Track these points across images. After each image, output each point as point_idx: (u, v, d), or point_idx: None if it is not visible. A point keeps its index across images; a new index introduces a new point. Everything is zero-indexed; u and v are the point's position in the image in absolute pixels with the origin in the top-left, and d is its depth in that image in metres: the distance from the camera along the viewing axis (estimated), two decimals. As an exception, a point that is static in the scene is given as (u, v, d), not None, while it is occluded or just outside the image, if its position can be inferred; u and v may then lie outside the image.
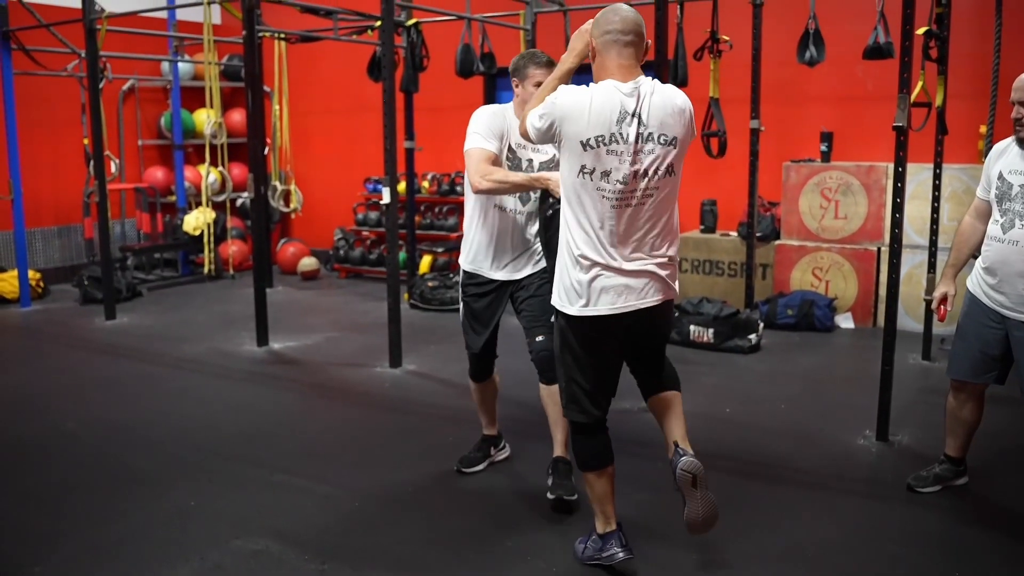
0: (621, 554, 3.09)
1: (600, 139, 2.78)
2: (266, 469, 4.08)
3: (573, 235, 2.91)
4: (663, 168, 2.84)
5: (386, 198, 5.60)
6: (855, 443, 4.41)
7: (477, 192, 3.57)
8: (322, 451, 4.35)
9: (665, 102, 2.84)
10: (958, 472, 3.86)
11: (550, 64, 3.61)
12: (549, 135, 2.91)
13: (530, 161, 3.72)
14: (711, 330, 6.17)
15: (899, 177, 4.27)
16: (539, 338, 3.68)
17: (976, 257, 3.65)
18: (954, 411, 3.78)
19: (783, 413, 4.90)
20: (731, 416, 4.85)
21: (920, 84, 4.90)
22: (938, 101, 5.04)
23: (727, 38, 5.81)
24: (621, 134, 2.78)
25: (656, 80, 2.90)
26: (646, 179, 2.82)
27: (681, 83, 6.18)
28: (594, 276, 2.89)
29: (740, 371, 5.74)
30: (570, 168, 2.86)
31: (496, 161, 3.60)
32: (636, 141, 2.79)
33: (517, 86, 3.69)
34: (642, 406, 3.42)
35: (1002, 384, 3.65)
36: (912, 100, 4.99)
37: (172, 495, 3.80)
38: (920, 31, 4.93)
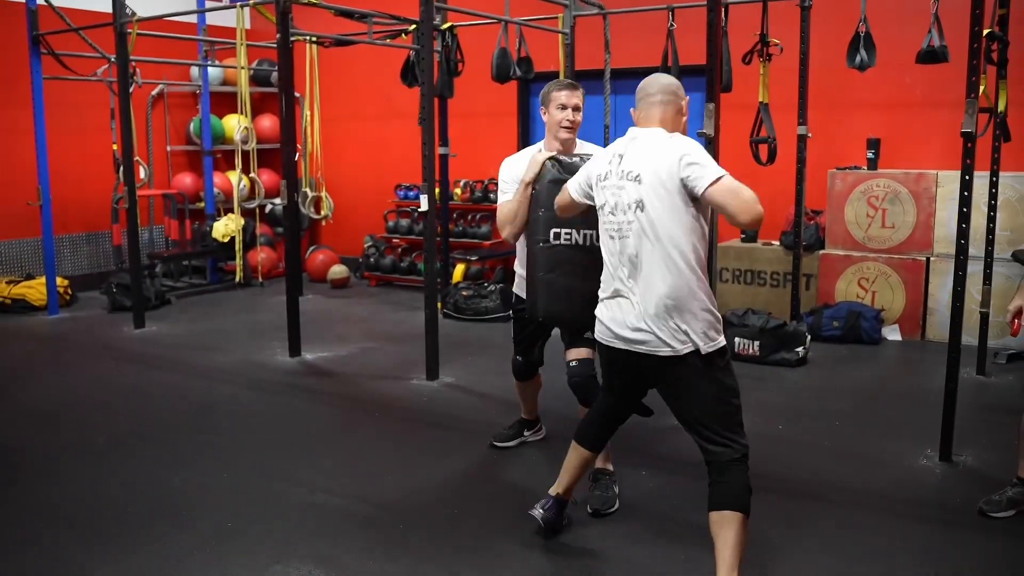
0: (534, 510, 3.36)
1: (598, 176, 3.05)
2: (305, 488, 3.93)
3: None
4: (632, 204, 2.88)
5: (424, 206, 5.44)
6: (917, 463, 4.21)
7: (510, 243, 3.84)
8: (363, 469, 4.19)
9: (650, 145, 2.92)
10: None
11: (572, 86, 3.83)
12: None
13: None
14: (757, 343, 5.97)
15: (966, 186, 4.08)
16: (572, 363, 3.74)
17: None
18: None
19: (838, 431, 4.70)
20: (784, 434, 4.65)
21: (981, 89, 4.69)
22: (1000, 106, 4.83)
23: (777, 41, 5.62)
24: (611, 171, 2.99)
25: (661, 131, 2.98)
26: (622, 214, 2.91)
27: (725, 88, 5.99)
28: (602, 301, 3.08)
29: (788, 386, 5.55)
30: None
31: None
32: (618, 177, 2.95)
33: (545, 114, 3.86)
34: (675, 424, 3.29)
35: None
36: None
37: (208, 516, 3.65)
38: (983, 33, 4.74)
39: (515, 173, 3.78)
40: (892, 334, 6.66)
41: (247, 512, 3.69)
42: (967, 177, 4.08)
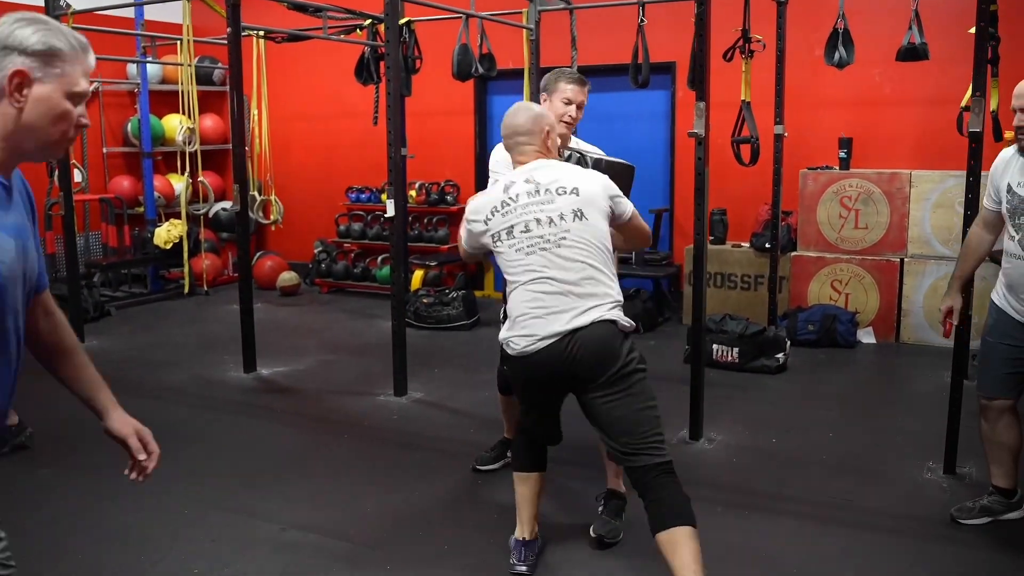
0: (519, 567, 3.14)
1: (500, 204, 3.00)
2: (276, 523, 3.58)
3: None
4: (569, 213, 2.91)
5: (390, 211, 5.11)
6: (921, 477, 4.03)
7: None
8: (336, 498, 3.85)
9: (566, 168, 3.06)
10: (1010, 504, 3.54)
11: (582, 81, 3.59)
12: None
13: None
14: (736, 349, 5.76)
15: (971, 188, 3.91)
16: None
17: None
18: (988, 434, 3.51)
19: (833, 443, 4.50)
20: (779, 448, 4.44)
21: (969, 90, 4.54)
22: (992, 105, 4.67)
23: (760, 37, 5.40)
24: (518, 194, 2.98)
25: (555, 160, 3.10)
26: (547, 226, 2.89)
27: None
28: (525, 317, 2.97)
29: (772, 394, 5.35)
30: None
31: None
32: (541, 194, 2.94)
33: (545, 101, 3.60)
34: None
35: None
36: (963, 104, 4.65)
37: (171, 560, 3.29)
38: (972, 30, 4.58)
39: (506, 156, 3.49)
40: (866, 337, 6.52)
41: (213, 552, 3.34)
42: (971, 179, 3.91)
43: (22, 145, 1.69)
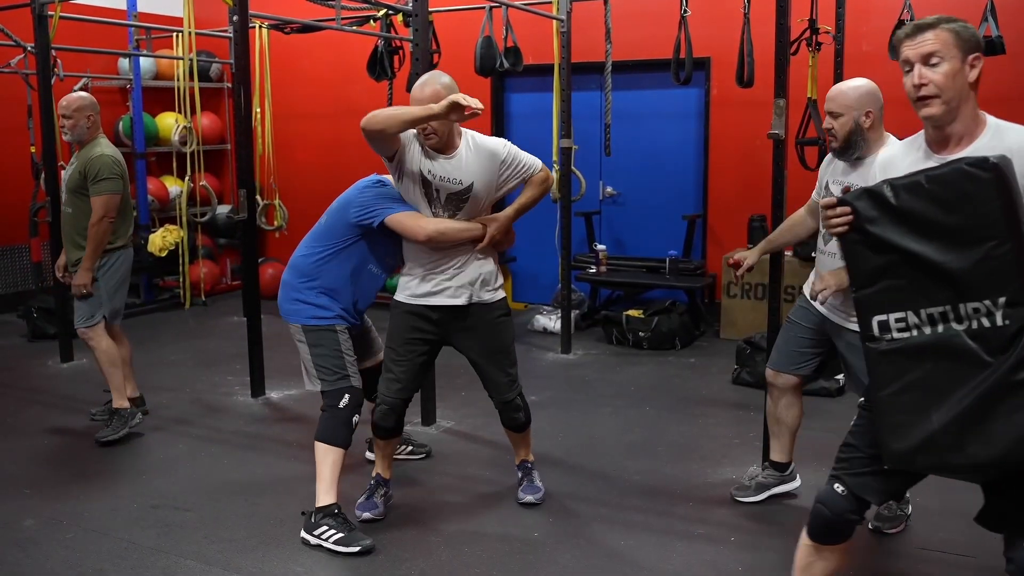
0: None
1: None
2: (305, 593, 3.06)
3: None
4: None
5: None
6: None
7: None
8: (376, 560, 3.31)
9: None
10: (783, 477, 3.74)
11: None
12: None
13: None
14: (792, 371, 5.26)
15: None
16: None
17: None
18: (771, 411, 3.70)
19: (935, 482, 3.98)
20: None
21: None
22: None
23: (829, 28, 4.91)
24: None
25: None
26: None
27: (747, 84, 5.26)
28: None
29: (840, 421, 4.79)
30: None
31: None
32: None
33: None
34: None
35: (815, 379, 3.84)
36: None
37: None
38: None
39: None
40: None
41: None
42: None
43: None
